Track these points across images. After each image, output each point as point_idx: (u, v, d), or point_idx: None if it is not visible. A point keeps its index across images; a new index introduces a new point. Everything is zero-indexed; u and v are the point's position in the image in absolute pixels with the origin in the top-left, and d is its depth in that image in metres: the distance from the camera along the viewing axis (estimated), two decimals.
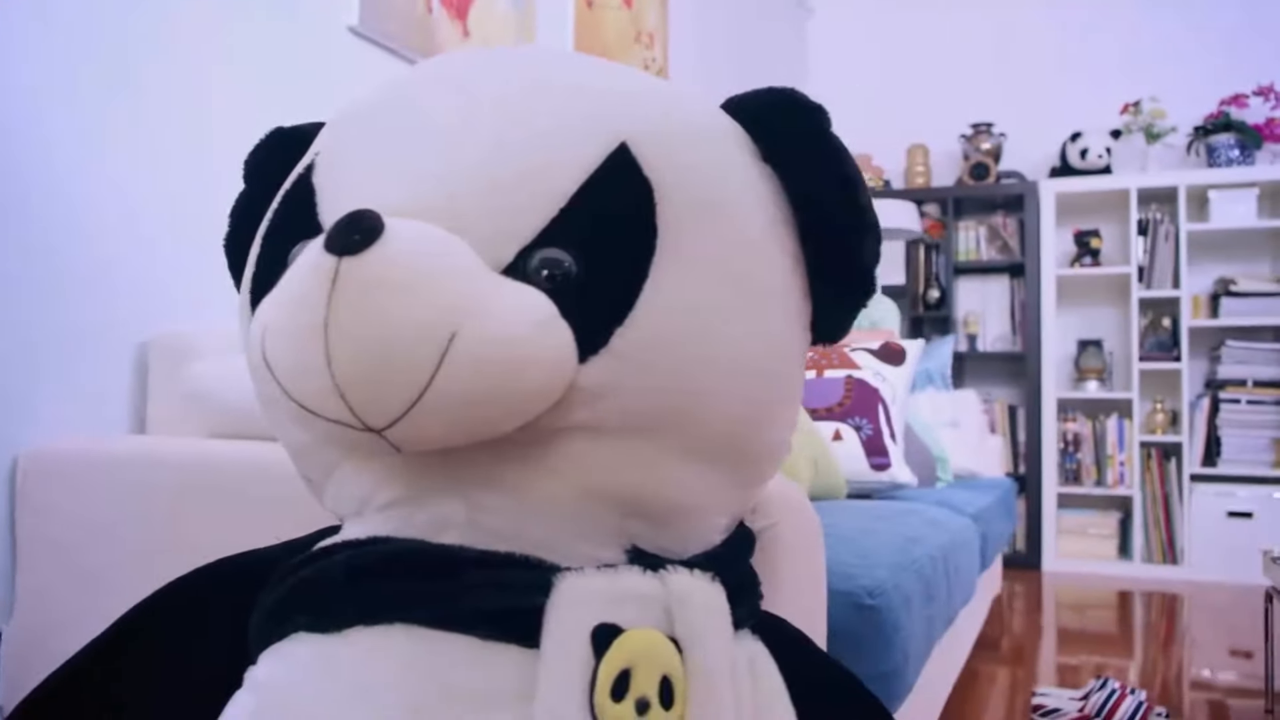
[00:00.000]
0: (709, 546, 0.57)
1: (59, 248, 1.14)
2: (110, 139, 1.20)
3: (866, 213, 0.58)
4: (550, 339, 0.48)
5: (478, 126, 0.54)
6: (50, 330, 1.13)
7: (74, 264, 1.16)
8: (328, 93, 1.52)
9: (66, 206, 1.15)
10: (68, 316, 1.15)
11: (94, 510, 1.03)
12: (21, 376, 1.10)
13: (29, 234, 1.11)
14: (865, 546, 0.97)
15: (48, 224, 1.13)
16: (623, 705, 0.46)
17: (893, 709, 0.85)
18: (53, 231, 1.13)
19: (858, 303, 0.61)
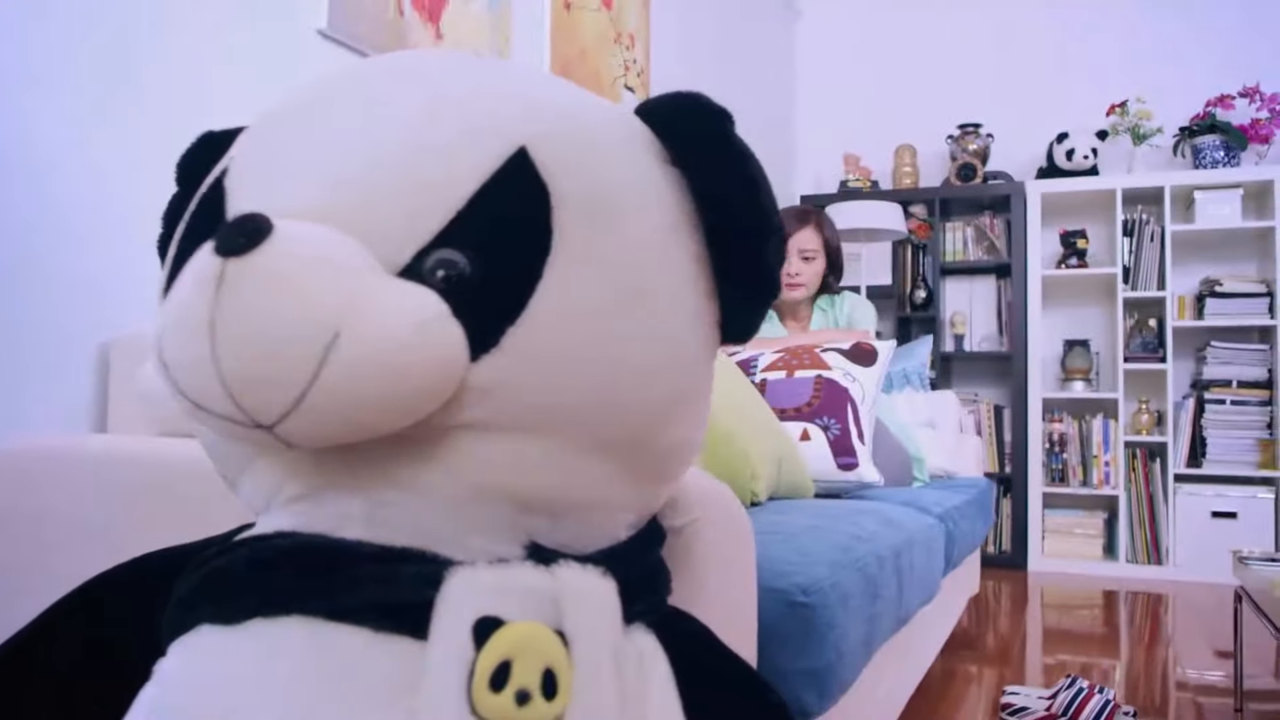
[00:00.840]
0: (613, 542, 0.58)
1: (21, 248, 1.15)
2: (74, 141, 1.21)
3: (769, 215, 0.59)
4: (437, 338, 0.49)
5: (379, 131, 0.55)
6: (12, 330, 1.14)
7: (36, 264, 1.17)
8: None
9: (30, 207, 1.16)
10: (30, 316, 1.16)
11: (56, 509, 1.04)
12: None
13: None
14: (808, 544, 0.98)
15: (9, 224, 1.14)
16: (502, 696, 0.47)
17: (826, 706, 0.86)
18: (14, 232, 1.15)
19: (763, 303, 0.62)
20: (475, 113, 0.55)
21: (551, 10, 2.23)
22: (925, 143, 4.05)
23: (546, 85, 0.60)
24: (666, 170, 0.59)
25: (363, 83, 0.58)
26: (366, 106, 0.56)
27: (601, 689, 0.49)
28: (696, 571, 0.72)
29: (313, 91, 0.60)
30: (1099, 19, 3.88)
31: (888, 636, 1.17)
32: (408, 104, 0.56)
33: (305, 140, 0.57)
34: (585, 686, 0.48)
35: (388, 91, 0.57)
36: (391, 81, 0.58)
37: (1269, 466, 3.37)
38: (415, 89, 0.57)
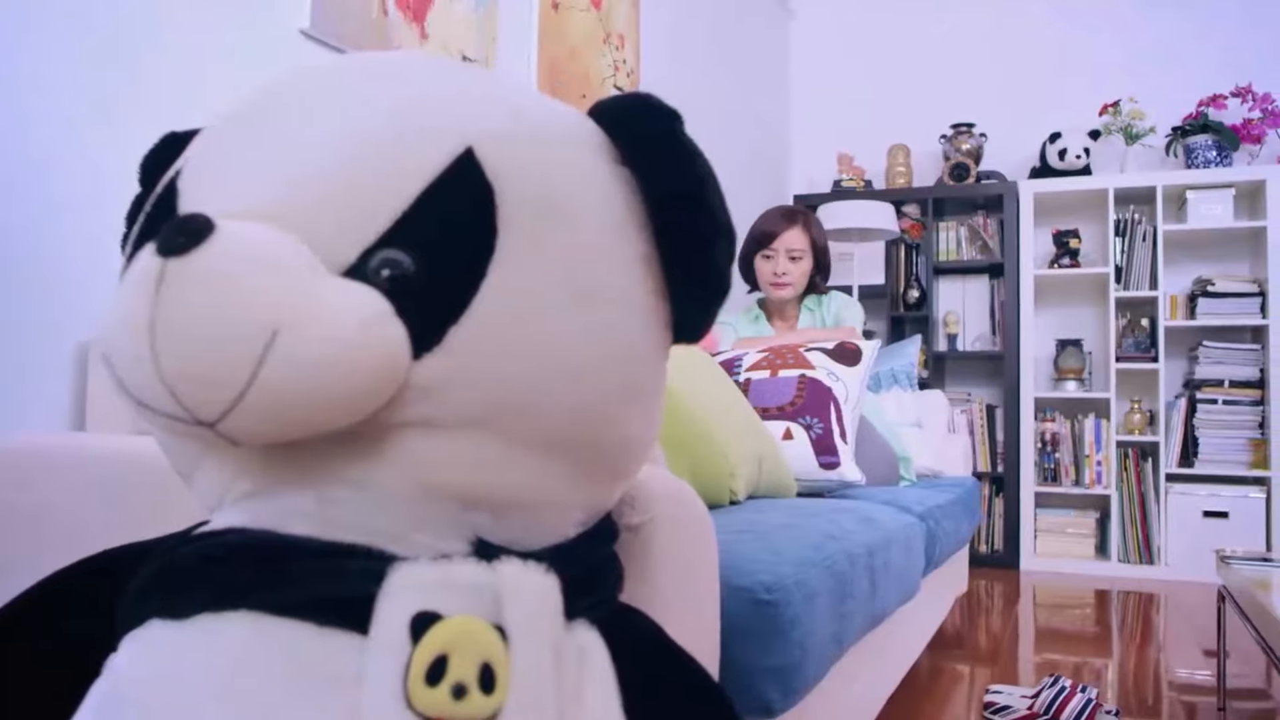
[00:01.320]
0: (561, 539, 0.59)
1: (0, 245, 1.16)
2: (50, 140, 1.22)
3: (716, 214, 0.60)
4: (378, 336, 0.50)
5: (327, 133, 0.55)
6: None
7: (14, 262, 1.18)
8: None
9: (6, 204, 1.17)
10: (7, 315, 1.17)
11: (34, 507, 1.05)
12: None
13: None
14: (778, 543, 0.99)
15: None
16: (438, 690, 0.47)
17: (790, 703, 0.87)
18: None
19: (713, 303, 0.62)
20: (422, 114, 0.56)
21: (539, 10, 2.23)
22: (919, 142, 4.06)
23: (495, 86, 0.60)
24: (616, 170, 0.60)
25: (313, 85, 0.59)
26: (316, 108, 0.57)
27: (539, 683, 0.49)
28: (654, 569, 0.72)
29: (265, 93, 0.61)
30: (1092, 19, 3.88)
31: (862, 634, 1.18)
32: (356, 106, 0.56)
33: (255, 142, 0.57)
34: (523, 681, 0.49)
35: (337, 94, 0.58)
36: (341, 84, 0.58)
37: (1260, 466, 3.38)
38: (364, 91, 0.57)
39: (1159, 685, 2.04)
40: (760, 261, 2.34)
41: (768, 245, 2.31)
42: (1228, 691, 1.94)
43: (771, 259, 2.32)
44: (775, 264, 2.31)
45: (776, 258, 2.31)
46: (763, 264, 2.34)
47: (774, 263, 2.32)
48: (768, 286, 2.34)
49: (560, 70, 2.32)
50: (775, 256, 2.31)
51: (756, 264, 2.36)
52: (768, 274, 2.33)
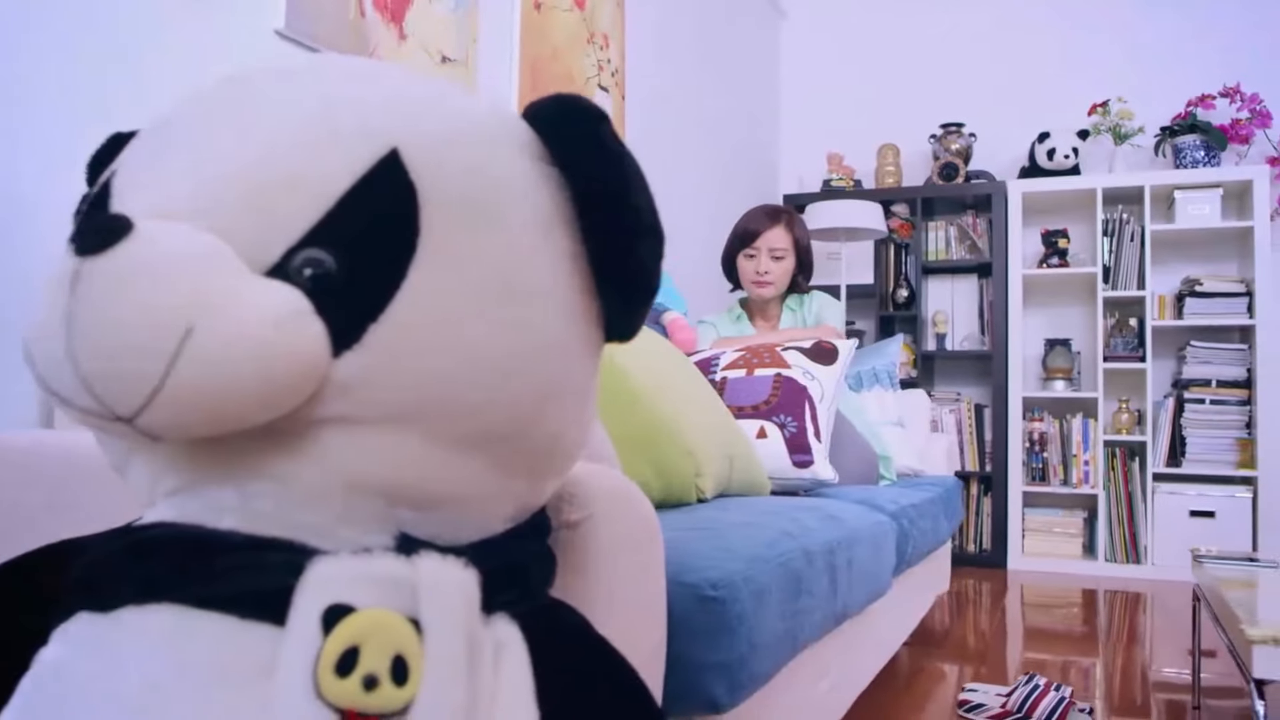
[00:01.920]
0: (488, 534, 0.60)
1: None
2: (21, 140, 1.23)
3: (641, 214, 0.61)
4: (295, 334, 0.50)
5: (253, 134, 0.56)
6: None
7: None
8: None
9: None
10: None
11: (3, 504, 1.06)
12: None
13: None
14: (732, 540, 1.00)
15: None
16: (348, 681, 0.48)
17: (737, 698, 0.87)
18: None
19: (641, 301, 0.63)
20: (348, 116, 0.57)
21: (521, 10, 2.24)
22: (908, 142, 4.06)
23: (423, 87, 0.61)
24: (545, 170, 0.61)
25: (244, 87, 0.60)
26: (244, 110, 0.58)
27: (451, 675, 0.50)
28: (593, 565, 0.73)
29: (199, 95, 0.62)
30: (1082, 19, 3.89)
31: (824, 632, 1.19)
32: (283, 108, 0.57)
33: (185, 143, 0.58)
34: (435, 672, 0.50)
35: (265, 96, 0.58)
36: (269, 86, 0.59)
37: (1247, 466, 3.38)
38: (292, 93, 0.58)
39: (1138, 684, 2.05)
40: (743, 260, 2.35)
41: (750, 244, 2.32)
42: (1204, 690, 1.95)
43: (754, 258, 2.33)
44: (758, 263, 2.32)
45: (759, 257, 2.32)
46: (745, 263, 2.34)
47: (756, 261, 2.32)
48: (750, 285, 2.35)
49: (542, 71, 2.33)
50: (758, 255, 2.32)
51: (739, 263, 2.36)
52: (750, 273, 2.33)
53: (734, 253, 2.37)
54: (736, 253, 2.36)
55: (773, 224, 2.33)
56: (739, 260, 2.36)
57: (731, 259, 2.39)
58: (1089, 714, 1.77)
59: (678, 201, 3.15)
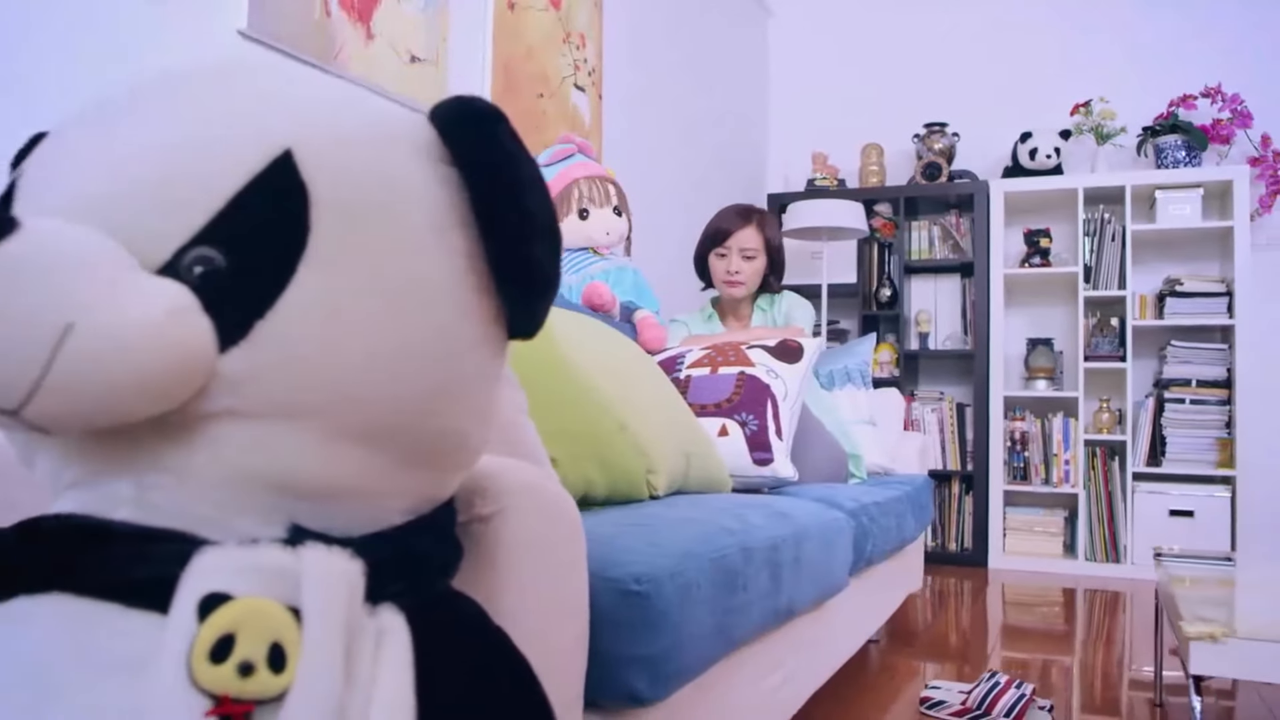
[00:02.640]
0: (383, 527, 0.61)
1: None
2: None
3: (535, 214, 0.62)
4: (180, 330, 0.52)
5: (150, 134, 0.57)
6: None
7: None
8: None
9: None
10: None
11: None
12: None
13: None
14: (666, 536, 1.01)
15: None
16: (222, 668, 0.49)
17: (661, 692, 0.89)
18: None
19: (538, 300, 0.64)
20: (245, 117, 0.58)
21: (494, 10, 2.25)
22: (892, 142, 4.07)
23: (324, 89, 0.62)
24: (443, 171, 0.62)
25: (147, 88, 0.61)
26: (146, 112, 0.59)
27: (327, 663, 0.51)
28: (505, 558, 0.74)
29: (105, 97, 0.63)
30: (1066, 19, 3.90)
31: (767, 628, 1.20)
32: (182, 109, 0.58)
33: (88, 143, 0.59)
34: (311, 660, 0.51)
35: (168, 97, 0.60)
36: (173, 88, 0.61)
37: (1227, 465, 3.39)
38: (193, 94, 0.59)
39: (1107, 681, 2.06)
40: (714, 259, 2.36)
41: (722, 243, 2.34)
42: (1168, 687, 1.96)
43: (725, 257, 2.34)
44: (729, 262, 2.33)
45: (730, 256, 2.33)
46: (716, 262, 2.36)
47: (728, 261, 2.34)
48: (721, 284, 2.36)
49: (516, 70, 2.34)
50: (729, 255, 2.34)
51: (710, 261, 2.38)
52: (721, 272, 2.35)
53: (705, 252, 2.38)
54: (708, 252, 2.38)
55: (744, 224, 2.34)
56: (710, 259, 2.37)
57: (703, 258, 2.40)
58: (1049, 711, 1.78)
59: (656, 200, 3.16)
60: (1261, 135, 3.53)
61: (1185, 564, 1.76)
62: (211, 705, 0.50)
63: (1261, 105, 3.56)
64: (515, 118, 2.32)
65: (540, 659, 0.77)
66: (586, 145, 2.43)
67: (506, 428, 0.88)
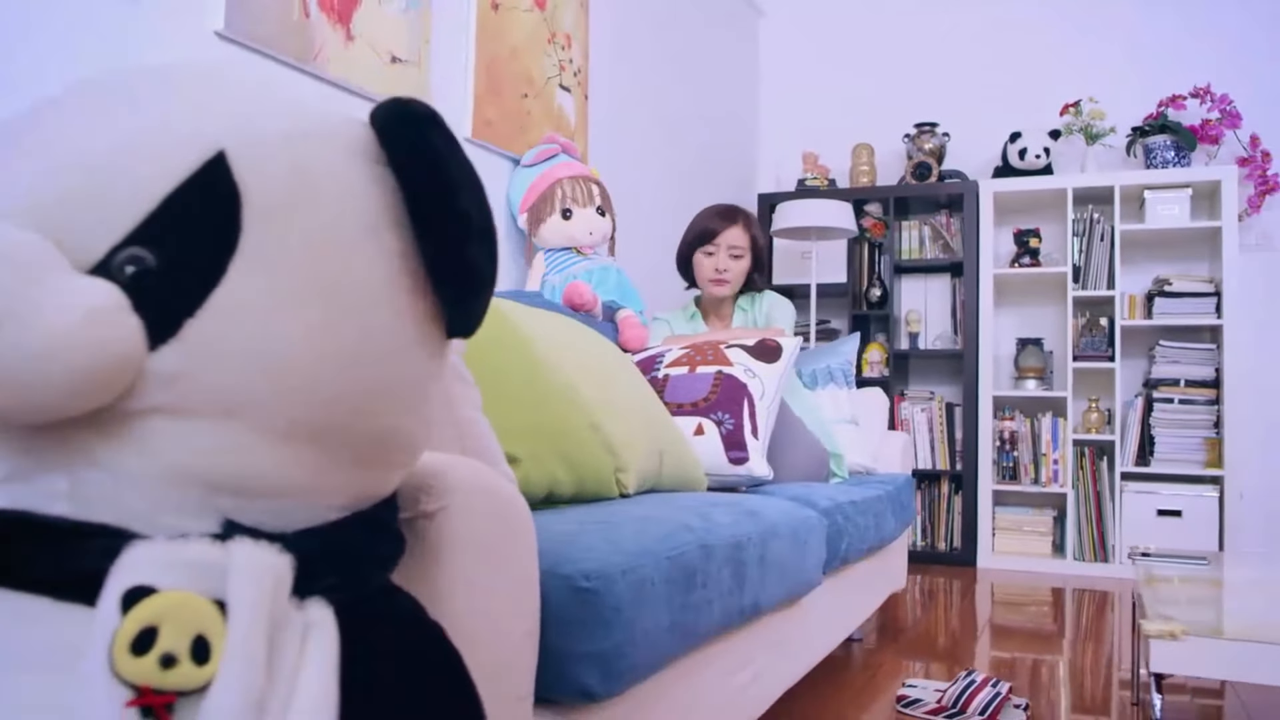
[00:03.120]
0: (317, 522, 0.62)
1: None
2: None
3: (469, 215, 0.63)
4: (108, 328, 0.53)
5: (88, 135, 0.58)
6: None
7: None
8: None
9: None
10: None
11: None
12: None
13: None
14: (624, 533, 1.02)
15: None
16: (144, 660, 0.50)
17: (613, 688, 0.90)
18: None
19: (474, 299, 0.65)
20: (180, 119, 0.59)
21: (478, 11, 2.26)
22: (883, 142, 4.08)
23: (258, 91, 0.63)
24: (379, 171, 0.63)
25: (82, 91, 0.62)
26: (85, 113, 0.60)
27: (250, 655, 0.52)
28: (449, 555, 0.75)
29: (50, 97, 0.64)
30: (1057, 19, 3.90)
31: (729, 625, 1.21)
32: (120, 111, 0.60)
33: (28, 142, 0.61)
34: (235, 652, 0.52)
35: (105, 100, 0.61)
36: (110, 91, 0.62)
37: (1215, 465, 3.40)
38: (129, 96, 0.61)
39: (1091, 680, 2.07)
40: (701, 257, 2.37)
41: (709, 242, 2.34)
42: (1142, 685, 1.97)
43: (713, 255, 2.35)
44: (717, 260, 2.34)
45: (718, 254, 2.34)
46: (704, 260, 2.36)
47: (715, 259, 2.35)
48: (707, 283, 2.37)
49: (500, 70, 2.35)
50: (717, 253, 2.34)
51: (697, 260, 2.38)
52: (709, 270, 2.35)
53: (692, 250, 2.39)
54: (695, 250, 2.38)
55: (731, 223, 2.35)
56: (697, 257, 2.38)
57: (688, 256, 2.41)
58: (1024, 710, 1.79)
59: (643, 200, 3.17)
60: (1250, 136, 3.53)
61: (1161, 563, 1.77)
62: (132, 696, 0.51)
63: (1250, 105, 3.57)
64: (499, 118, 2.33)
65: (487, 654, 0.79)
66: (570, 145, 2.44)
67: (460, 425, 0.89)
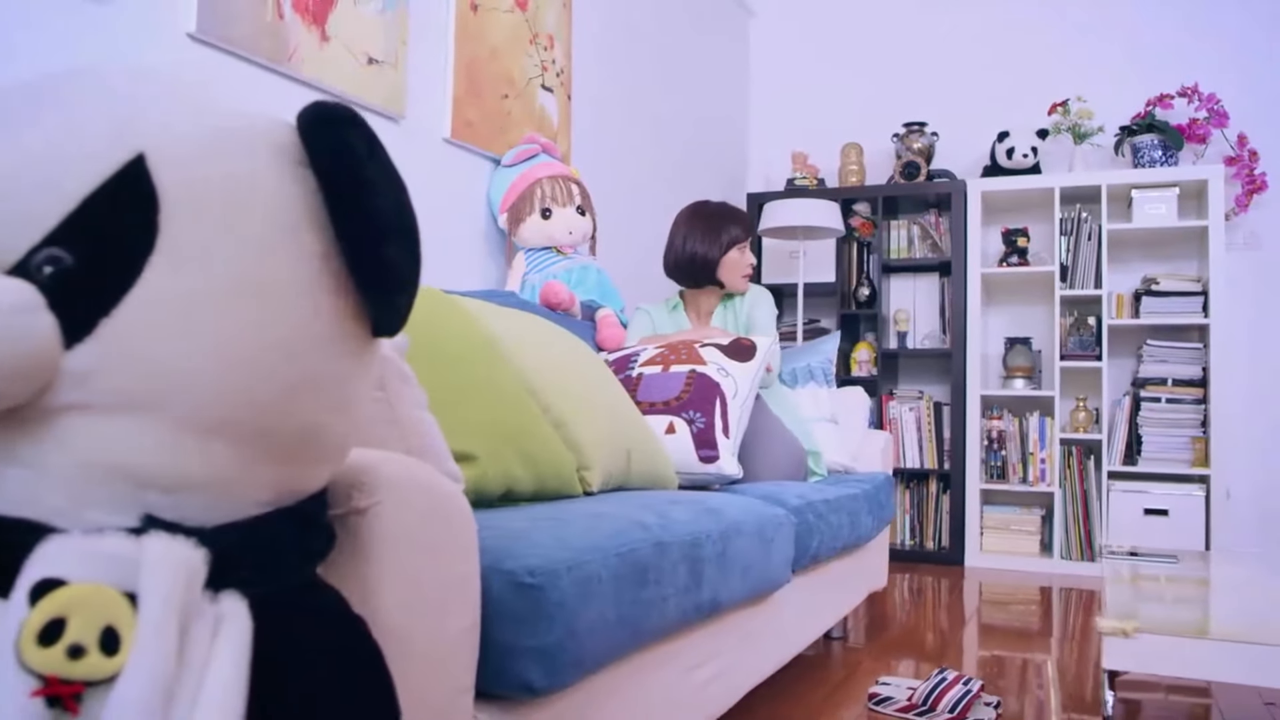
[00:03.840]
0: (240, 517, 0.63)
1: None
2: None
3: (388, 217, 0.64)
4: (20, 326, 0.54)
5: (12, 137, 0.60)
6: None
7: None
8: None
9: None
10: None
11: None
12: None
13: None
14: (574, 530, 1.03)
15: None
16: (52, 650, 0.52)
17: (557, 682, 0.91)
18: None
19: (394, 299, 0.66)
20: (102, 122, 0.60)
21: (456, 12, 2.27)
22: (873, 141, 4.09)
23: (179, 94, 0.64)
24: (299, 172, 0.64)
25: (20, 93, 0.64)
26: (12, 115, 0.62)
27: (159, 646, 0.53)
28: (381, 550, 0.76)
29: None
30: (1046, 19, 3.90)
31: (685, 622, 1.21)
32: (38, 113, 0.61)
33: None
34: (144, 643, 0.53)
35: (23, 102, 0.62)
36: (31, 92, 0.63)
37: (1201, 464, 3.40)
38: (48, 99, 0.62)
39: (1076, 678, 2.07)
40: (736, 255, 2.32)
41: (745, 240, 2.34)
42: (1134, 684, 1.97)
43: (745, 252, 2.34)
44: (748, 256, 2.34)
45: (747, 251, 2.35)
46: (739, 257, 2.32)
47: (746, 255, 2.34)
48: (740, 279, 2.33)
49: (480, 71, 2.36)
50: (746, 250, 2.35)
51: (731, 257, 2.32)
52: (743, 267, 2.33)
53: (728, 249, 2.32)
54: (730, 248, 2.32)
55: (747, 222, 2.38)
56: (731, 255, 2.32)
57: (720, 255, 2.33)
58: (995, 708, 1.79)
59: (629, 199, 3.18)
60: (1238, 134, 3.53)
61: (1130, 561, 1.77)
62: (39, 685, 0.52)
63: (1238, 105, 3.57)
64: (479, 119, 2.34)
65: (422, 649, 0.80)
66: (551, 145, 2.45)
67: (402, 423, 0.90)
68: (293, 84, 1.84)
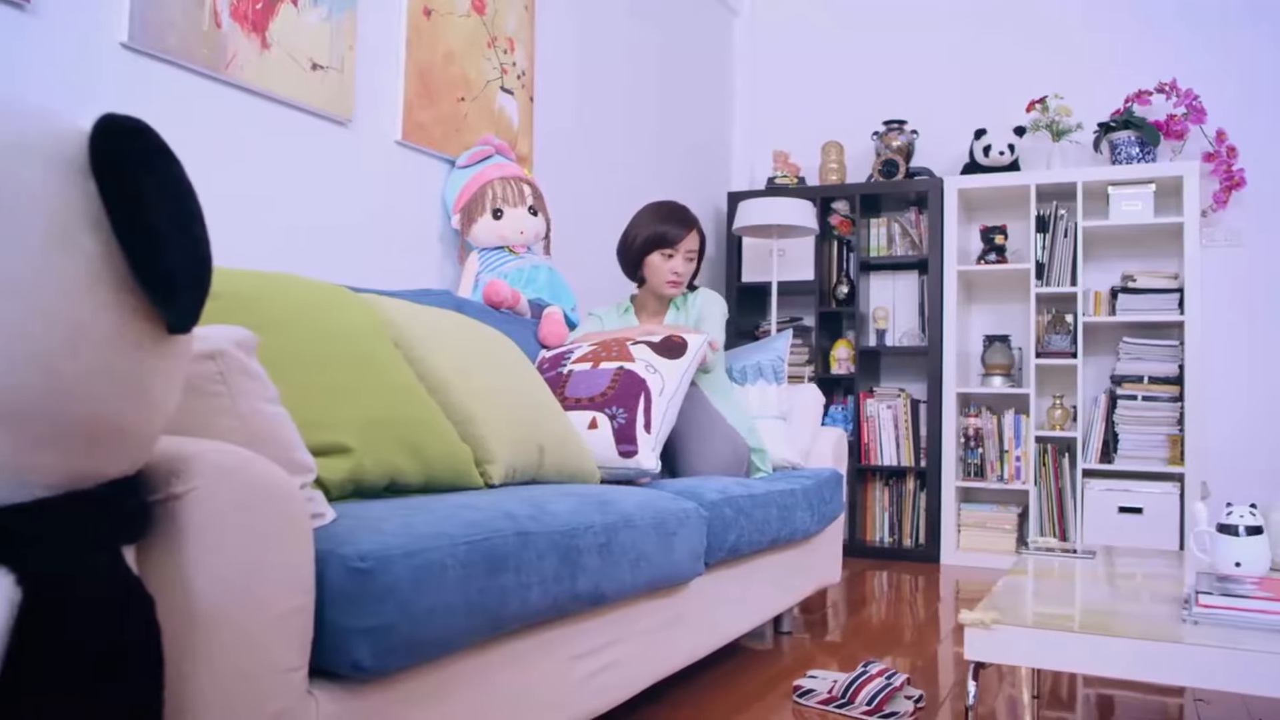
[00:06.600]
0: (27, 499, 0.68)
1: None
2: None
3: (155, 228, 0.69)
4: None
5: None
6: None
7: None
8: (99, 112, 1.65)
9: None
10: None
11: None
12: None
13: None
14: (427, 519, 1.07)
15: None
16: None
17: (391, 663, 0.95)
18: None
19: (179, 298, 0.71)
20: None
21: (408, 17, 2.33)
22: (853, 139, 4.09)
23: None
24: (81, 181, 0.69)
25: None
26: None
27: None
28: (197, 534, 0.81)
29: None
30: (1024, 16, 3.89)
31: (560, 612, 1.25)
32: None
33: None
34: None
35: None
36: None
37: (1177, 463, 3.38)
38: None
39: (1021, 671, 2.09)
40: (659, 259, 2.35)
41: (671, 246, 2.35)
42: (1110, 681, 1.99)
43: (671, 259, 2.35)
44: (674, 264, 2.35)
45: (676, 258, 2.36)
46: (661, 263, 2.35)
47: (673, 263, 2.35)
48: (663, 284, 2.36)
49: (434, 75, 2.42)
50: (675, 257, 2.36)
51: (653, 261, 2.35)
52: (667, 272, 2.35)
53: (648, 251, 2.36)
54: (651, 251, 2.36)
55: (690, 228, 2.37)
56: (653, 258, 2.36)
57: (641, 256, 2.38)
58: (916, 701, 1.82)
59: (598, 200, 3.22)
60: (1216, 130, 3.50)
61: (1041, 556, 1.79)
62: None
63: (1217, 101, 3.54)
64: (433, 121, 2.39)
65: (240, 629, 0.85)
66: (504, 147, 2.50)
67: (244, 416, 0.95)
68: (232, 91, 1.90)
